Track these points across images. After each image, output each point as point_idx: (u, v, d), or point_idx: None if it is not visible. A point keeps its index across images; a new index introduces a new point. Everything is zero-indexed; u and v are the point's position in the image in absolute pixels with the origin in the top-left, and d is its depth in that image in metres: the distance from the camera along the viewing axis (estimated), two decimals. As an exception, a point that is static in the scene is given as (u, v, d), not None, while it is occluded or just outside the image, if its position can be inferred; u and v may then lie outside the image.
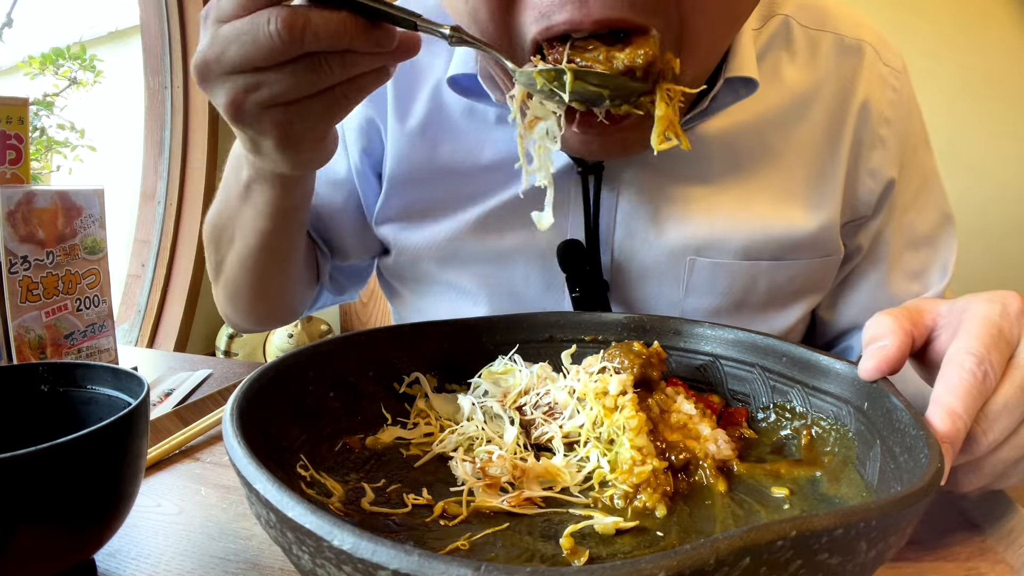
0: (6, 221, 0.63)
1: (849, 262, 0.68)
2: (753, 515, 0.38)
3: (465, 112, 0.64)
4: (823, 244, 0.63)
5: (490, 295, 0.67)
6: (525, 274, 0.66)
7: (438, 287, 0.69)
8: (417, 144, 0.66)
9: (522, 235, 0.64)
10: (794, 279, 0.64)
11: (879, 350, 0.40)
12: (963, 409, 0.35)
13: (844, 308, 0.70)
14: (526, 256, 0.65)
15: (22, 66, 2.12)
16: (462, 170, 0.65)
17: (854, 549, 0.26)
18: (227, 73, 0.43)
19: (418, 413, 0.50)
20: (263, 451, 0.33)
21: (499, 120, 0.63)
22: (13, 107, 0.67)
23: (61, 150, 2.21)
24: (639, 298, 0.65)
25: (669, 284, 0.63)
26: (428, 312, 0.71)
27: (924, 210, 0.68)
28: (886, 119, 0.64)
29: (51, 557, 0.35)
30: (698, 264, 0.62)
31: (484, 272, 0.66)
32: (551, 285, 0.65)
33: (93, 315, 0.72)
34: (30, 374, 0.43)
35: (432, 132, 0.65)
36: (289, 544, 0.27)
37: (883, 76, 0.64)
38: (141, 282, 2.25)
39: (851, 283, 0.69)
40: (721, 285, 0.63)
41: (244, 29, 0.41)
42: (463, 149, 0.64)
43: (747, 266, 0.62)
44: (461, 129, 0.65)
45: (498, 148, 0.64)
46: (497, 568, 0.22)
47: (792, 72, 0.62)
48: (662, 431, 0.45)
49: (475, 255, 0.66)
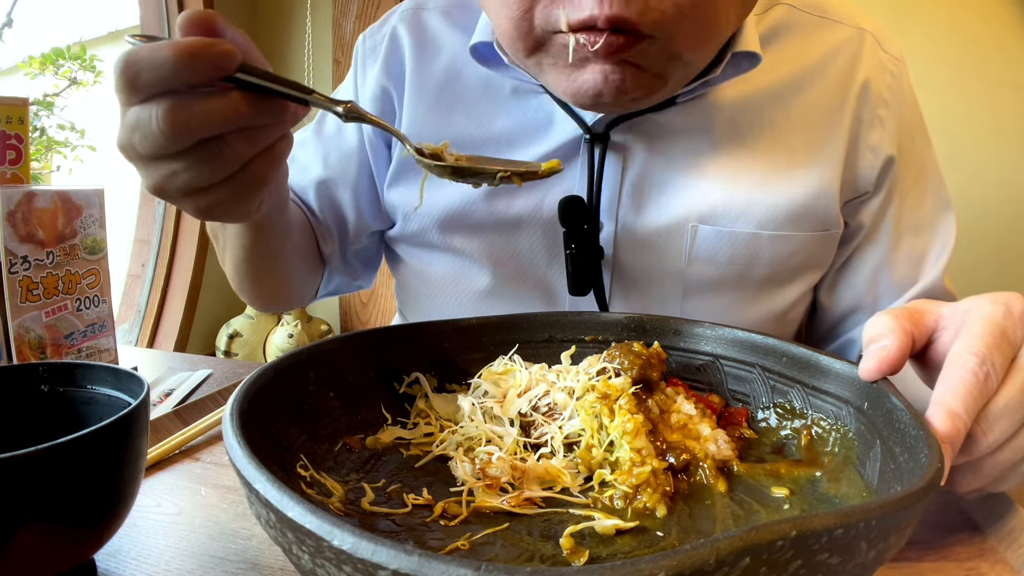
0: (6, 221, 0.63)
1: (851, 242, 0.68)
2: (753, 515, 0.38)
3: (481, 84, 0.66)
4: (822, 217, 0.64)
5: (494, 264, 0.68)
6: (530, 243, 0.67)
7: (443, 254, 0.70)
8: (432, 112, 0.67)
9: (531, 201, 0.65)
10: (795, 253, 0.64)
11: (879, 350, 0.40)
12: (963, 409, 0.35)
13: (845, 289, 0.70)
14: (532, 224, 0.66)
15: (22, 66, 2.12)
16: (475, 138, 0.66)
17: (854, 549, 0.26)
18: (141, 160, 0.42)
19: (418, 413, 0.50)
20: (263, 451, 0.33)
21: (514, 92, 0.65)
22: (13, 107, 0.67)
23: (61, 150, 2.21)
24: (643, 266, 0.65)
25: (673, 253, 0.64)
26: (431, 280, 0.72)
27: (924, 197, 0.68)
28: (884, 100, 0.65)
29: (51, 557, 0.35)
30: (700, 232, 0.63)
31: (491, 240, 0.67)
32: (554, 257, 0.66)
33: (93, 315, 0.72)
34: (30, 374, 0.43)
35: (447, 101, 0.67)
36: (289, 544, 0.27)
37: (882, 61, 0.66)
38: (141, 282, 2.25)
39: (852, 264, 0.70)
40: (724, 254, 0.63)
41: (139, 120, 0.39)
42: (476, 118, 0.66)
43: (749, 236, 0.63)
44: (476, 99, 0.66)
45: (512, 117, 0.66)
46: (497, 568, 0.22)
47: (792, 52, 0.65)
48: (662, 431, 0.45)
49: (483, 222, 0.67)
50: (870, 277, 0.68)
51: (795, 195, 0.63)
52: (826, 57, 0.65)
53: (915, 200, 0.68)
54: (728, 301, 0.65)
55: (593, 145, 0.63)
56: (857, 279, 0.69)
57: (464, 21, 0.68)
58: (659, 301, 0.66)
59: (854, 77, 0.65)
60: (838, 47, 0.65)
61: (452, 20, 0.69)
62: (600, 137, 0.62)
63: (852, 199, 0.67)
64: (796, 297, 0.67)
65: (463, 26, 0.68)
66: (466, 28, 0.67)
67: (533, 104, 0.66)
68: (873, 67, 0.65)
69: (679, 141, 0.64)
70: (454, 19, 0.69)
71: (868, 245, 0.68)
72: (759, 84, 0.63)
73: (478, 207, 0.66)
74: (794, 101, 0.64)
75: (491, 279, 0.68)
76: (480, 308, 0.69)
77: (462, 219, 0.67)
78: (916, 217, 0.68)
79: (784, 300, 0.67)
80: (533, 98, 0.66)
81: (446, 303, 0.71)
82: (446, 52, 0.68)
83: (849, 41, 0.66)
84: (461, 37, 0.67)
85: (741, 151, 0.63)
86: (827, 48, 0.65)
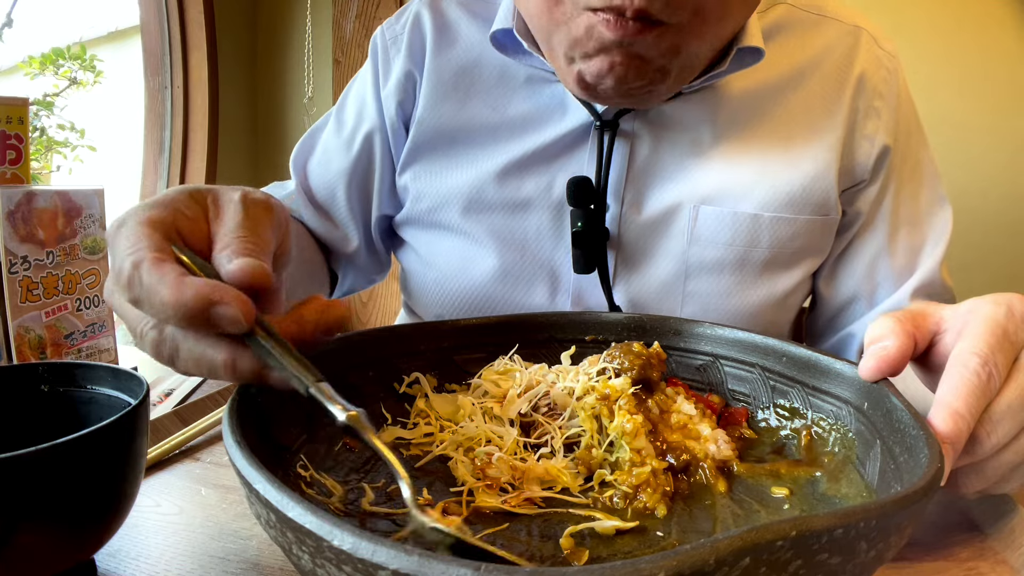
0: (6, 221, 0.63)
1: (849, 229, 0.70)
2: (753, 515, 0.38)
3: (497, 72, 0.70)
4: (821, 202, 0.66)
5: (501, 244, 0.69)
6: (538, 224, 0.69)
7: (450, 236, 0.72)
8: (450, 97, 0.70)
9: (541, 183, 0.68)
10: (795, 237, 0.67)
11: (880, 350, 0.40)
12: (966, 410, 0.35)
13: (843, 278, 0.72)
14: (541, 206, 0.69)
15: (22, 66, 2.12)
16: (489, 123, 0.70)
17: (854, 549, 0.26)
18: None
19: (418, 413, 0.50)
20: (263, 451, 0.33)
21: (528, 80, 0.69)
22: (13, 107, 0.67)
23: (61, 150, 2.20)
24: (646, 247, 0.68)
25: (675, 234, 0.67)
26: (438, 264, 0.73)
27: (920, 190, 0.70)
28: (880, 93, 0.68)
29: (51, 557, 0.35)
30: (702, 212, 0.66)
31: (500, 221, 0.70)
32: (560, 239, 0.69)
33: (93, 315, 0.72)
34: (30, 374, 0.43)
35: (464, 87, 0.70)
36: (289, 544, 0.27)
37: (878, 57, 0.69)
38: (141, 282, 2.25)
39: (850, 252, 0.71)
40: (724, 236, 0.66)
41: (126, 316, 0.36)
42: (492, 104, 0.70)
43: (749, 218, 0.65)
44: (492, 86, 0.70)
45: (526, 104, 0.69)
46: (497, 568, 0.22)
47: (792, 48, 0.68)
48: (662, 431, 0.45)
49: (493, 203, 0.69)
50: (868, 266, 0.70)
51: (794, 179, 0.66)
52: (824, 52, 0.68)
53: (911, 193, 0.70)
54: (729, 283, 0.67)
55: (603, 132, 0.65)
56: (855, 268, 0.71)
57: (482, 10, 0.71)
58: (661, 282, 0.68)
59: (851, 70, 0.67)
60: (835, 42, 0.68)
61: (470, 10, 0.72)
62: (610, 124, 0.65)
63: (849, 187, 0.69)
64: (796, 283, 0.69)
65: (481, 16, 0.71)
66: (484, 18, 0.70)
67: (547, 92, 0.69)
68: (869, 61, 0.68)
69: (684, 130, 0.67)
70: (472, 8, 0.72)
71: (866, 233, 0.70)
72: (760, 78, 0.66)
73: (489, 188, 0.69)
74: (793, 94, 0.67)
75: (498, 260, 0.70)
76: (486, 291, 0.71)
77: (473, 200, 0.70)
78: (913, 210, 0.70)
79: (784, 285, 0.69)
80: (547, 87, 0.69)
81: (452, 287, 0.72)
82: (464, 40, 0.71)
83: (846, 36, 0.68)
84: (479, 26, 0.70)
85: (743, 139, 0.66)
86: (825, 43, 0.68)
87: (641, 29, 0.52)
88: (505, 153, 0.69)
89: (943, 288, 0.70)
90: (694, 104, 0.66)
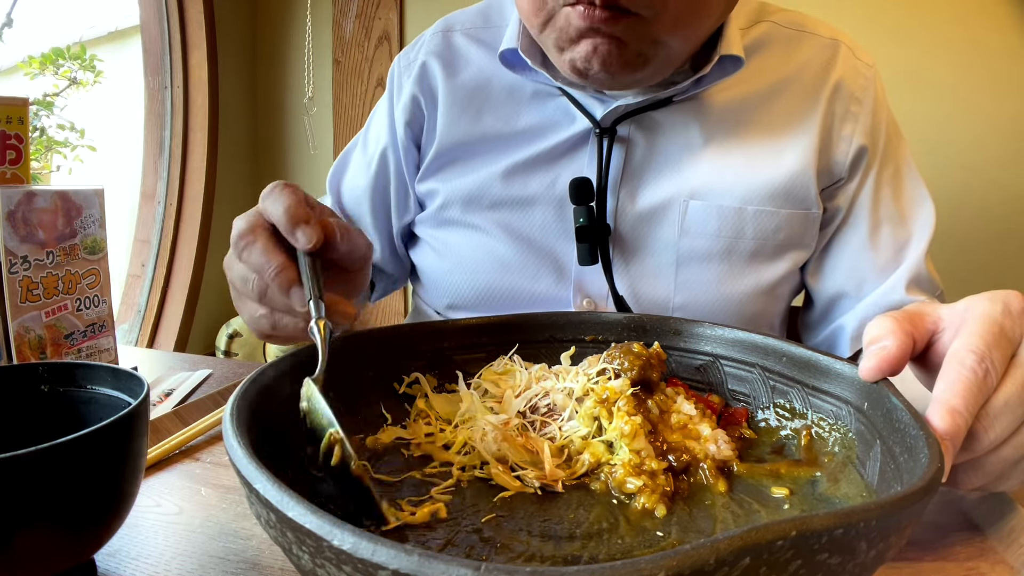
0: (6, 221, 0.63)
1: (830, 224, 0.75)
2: (753, 515, 0.38)
3: (506, 90, 0.77)
4: (801, 197, 0.72)
5: (510, 236, 0.75)
6: (543, 219, 0.75)
7: (462, 230, 0.78)
8: (465, 113, 0.78)
9: (545, 181, 0.75)
10: (778, 230, 0.72)
11: (880, 350, 0.40)
12: (964, 406, 0.35)
13: (829, 272, 0.76)
14: (545, 202, 0.75)
15: (22, 66, 2.12)
16: (501, 133, 0.77)
17: (854, 549, 0.26)
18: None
19: (418, 413, 0.50)
20: (263, 451, 0.33)
21: (534, 95, 0.76)
22: (13, 107, 0.67)
23: (61, 150, 2.21)
24: (641, 239, 0.73)
25: (667, 226, 0.72)
26: (451, 253, 0.79)
27: (902, 191, 0.74)
28: (857, 99, 0.73)
29: (51, 557, 0.35)
30: (691, 206, 0.72)
31: (507, 217, 0.76)
32: (563, 232, 0.74)
33: (93, 315, 0.72)
34: (30, 374, 0.43)
35: (478, 104, 0.78)
36: (289, 544, 0.27)
37: (855, 66, 0.74)
38: (141, 282, 2.25)
39: (834, 246, 0.75)
40: (712, 227, 0.71)
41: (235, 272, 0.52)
42: (503, 118, 0.77)
43: (734, 210, 0.71)
44: (502, 102, 0.77)
45: (533, 116, 0.76)
46: (497, 568, 0.22)
47: (774, 61, 0.74)
48: (662, 432, 0.45)
49: (500, 200, 0.76)
50: (851, 260, 0.74)
51: (775, 176, 0.71)
52: (804, 63, 0.74)
53: (893, 193, 0.74)
54: (718, 272, 0.72)
55: (601, 137, 0.72)
56: (839, 262, 0.75)
57: (488, 38, 0.80)
58: (655, 270, 0.73)
59: (829, 78, 0.73)
60: (815, 54, 0.74)
61: (477, 38, 0.81)
62: (607, 131, 0.72)
63: (829, 185, 0.74)
64: (782, 274, 0.73)
65: (487, 43, 0.79)
66: (490, 44, 0.79)
67: (551, 105, 0.76)
68: (847, 70, 0.74)
69: (675, 134, 0.73)
70: (479, 37, 0.81)
71: (846, 228, 0.75)
72: (745, 90, 0.73)
73: (495, 187, 0.76)
74: (776, 102, 0.73)
75: (507, 250, 0.76)
76: (495, 280, 0.76)
77: (481, 198, 0.76)
78: (895, 209, 0.74)
79: (771, 275, 0.73)
80: (551, 100, 0.76)
81: (463, 276, 0.78)
82: (474, 64, 0.79)
83: (825, 49, 0.75)
84: (486, 52, 0.79)
85: (729, 141, 0.73)
86: (806, 56, 0.74)
87: (610, 17, 0.58)
88: (513, 156, 0.76)
89: (929, 280, 0.73)
90: (683, 112, 0.72)
